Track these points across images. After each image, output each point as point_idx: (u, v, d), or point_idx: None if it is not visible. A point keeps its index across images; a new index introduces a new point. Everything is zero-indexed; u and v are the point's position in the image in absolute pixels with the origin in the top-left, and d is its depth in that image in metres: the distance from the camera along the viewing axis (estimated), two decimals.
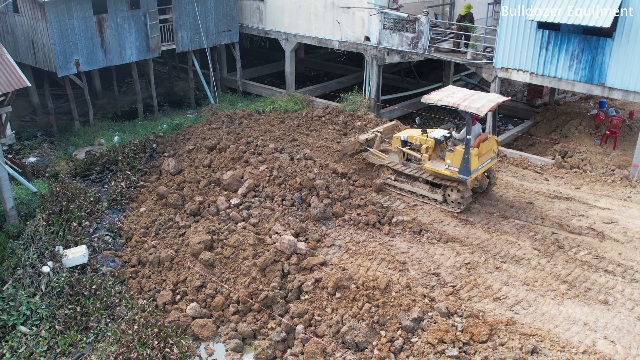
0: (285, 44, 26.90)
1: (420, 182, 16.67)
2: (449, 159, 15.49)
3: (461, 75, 28.86)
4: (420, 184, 16.65)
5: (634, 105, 24.38)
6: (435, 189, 16.38)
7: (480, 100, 15.24)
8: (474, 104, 14.99)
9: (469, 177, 15.23)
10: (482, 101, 15.16)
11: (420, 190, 16.58)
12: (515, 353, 10.63)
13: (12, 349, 11.64)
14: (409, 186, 16.83)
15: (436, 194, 16.25)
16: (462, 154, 15.14)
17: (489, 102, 15.19)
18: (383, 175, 17.49)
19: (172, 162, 18.49)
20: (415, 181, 16.80)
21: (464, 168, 15.23)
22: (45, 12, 20.30)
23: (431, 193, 16.36)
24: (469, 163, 15.08)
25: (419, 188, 16.61)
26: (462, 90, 16.18)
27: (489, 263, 13.75)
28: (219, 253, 14.06)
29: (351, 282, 12.45)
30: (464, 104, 15.01)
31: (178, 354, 11.26)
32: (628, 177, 18.24)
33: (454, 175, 15.48)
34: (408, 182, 16.91)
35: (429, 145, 16.27)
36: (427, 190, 16.46)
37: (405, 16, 22.06)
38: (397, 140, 17.17)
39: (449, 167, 15.54)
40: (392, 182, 17.19)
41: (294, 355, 11.45)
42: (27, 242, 14.33)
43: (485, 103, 15.06)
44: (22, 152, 21.58)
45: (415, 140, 16.74)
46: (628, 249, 14.35)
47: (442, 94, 15.83)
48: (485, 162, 15.85)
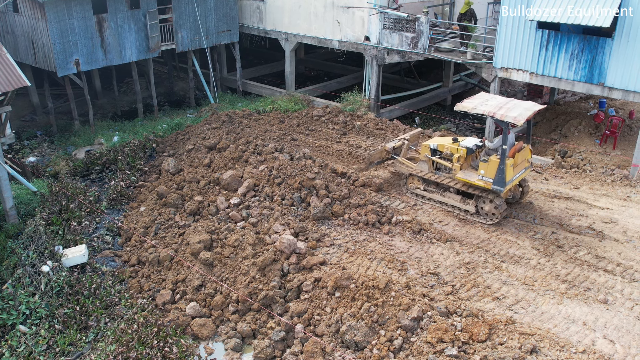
0: (285, 43, 26.91)
1: (451, 192, 15.96)
2: (483, 169, 14.79)
3: (461, 75, 28.87)
4: (451, 194, 15.93)
5: (633, 105, 24.38)
6: (467, 199, 15.67)
7: (517, 108, 14.55)
8: (510, 112, 14.31)
9: (504, 189, 14.51)
10: (518, 109, 14.47)
11: (452, 201, 15.85)
12: (514, 352, 10.63)
13: (11, 348, 11.64)
14: (439, 196, 16.10)
15: (468, 205, 15.53)
16: (497, 164, 14.44)
17: (526, 110, 14.50)
18: (411, 185, 16.82)
19: (171, 161, 18.50)
20: (445, 191, 16.09)
21: (499, 179, 14.52)
22: (45, 12, 20.31)
23: (463, 204, 15.64)
24: (505, 174, 14.39)
25: (450, 199, 15.88)
26: (496, 98, 15.50)
27: (488, 262, 13.75)
28: (219, 252, 14.07)
29: (350, 282, 12.46)
30: (499, 113, 14.33)
31: (177, 353, 11.26)
32: (628, 177, 18.24)
33: (488, 186, 14.81)
34: (438, 192, 16.19)
35: (460, 154, 15.58)
36: (458, 201, 15.73)
37: (405, 16, 22.06)
38: (426, 148, 16.45)
39: (483, 178, 14.84)
40: (421, 192, 16.49)
41: (294, 355, 11.45)
42: (27, 242, 14.34)
43: (522, 112, 14.37)
44: (22, 151, 21.59)
45: (445, 149, 16.07)
46: (627, 248, 14.35)
47: (475, 102, 15.12)
48: (519, 172, 15.18)
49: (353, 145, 20.86)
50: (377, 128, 22.41)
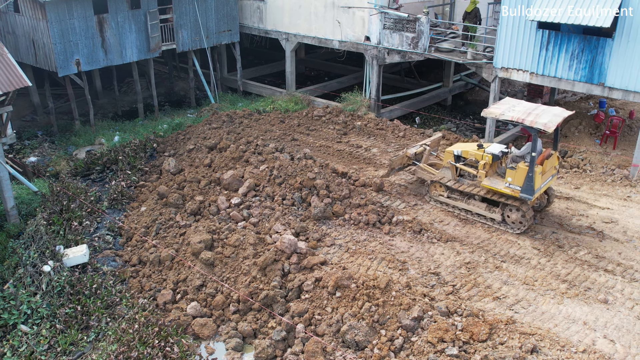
0: (286, 43, 26.92)
1: (476, 199, 15.59)
2: (510, 177, 14.43)
3: (461, 75, 28.89)
4: (475, 202, 15.57)
5: (633, 105, 24.40)
6: (493, 207, 15.33)
7: (546, 114, 14.19)
8: (540, 119, 13.96)
9: (533, 197, 14.17)
10: (548, 116, 14.11)
11: (476, 209, 15.49)
12: (515, 352, 10.65)
13: (12, 347, 11.65)
14: (464, 204, 15.74)
15: (494, 214, 15.18)
16: (525, 172, 14.08)
17: (555, 116, 14.15)
18: (434, 191, 16.43)
19: (172, 161, 18.52)
20: (470, 199, 15.72)
21: (527, 187, 14.13)
22: (46, 12, 20.33)
23: (488, 212, 15.29)
24: (534, 181, 14.03)
25: (475, 206, 15.53)
26: (522, 103, 15.12)
27: (489, 262, 13.77)
28: (220, 252, 14.08)
29: (351, 282, 12.47)
30: (529, 119, 13.99)
31: (178, 353, 11.28)
32: (628, 177, 18.26)
33: (515, 194, 14.44)
34: (462, 200, 15.83)
35: (486, 161, 15.19)
36: (483, 209, 15.39)
37: (405, 16, 22.08)
38: (450, 155, 16.12)
39: (510, 185, 14.49)
40: (445, 199, 16.11)
41: (294, 355, 11.46)
42: (28, 242, 14.35)
43: (552, 118, 14.04)
44: (23, 151, 21.61)
45: (470, 155, 15.73)
46: (628, 248, 14.37)
47: (502, 108, 14.78)
48: (547, 180, 14.88)
49: (353, 145, 20.89)
50: (378, 128, 22.43)
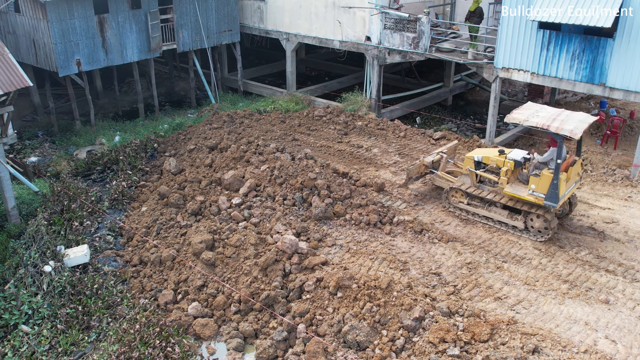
0: (286, 43, 26.91)
1: (497, 207, 15.32)
2: (534, 184, 14.13)
3: (462, 75, 28.88)
4: (497, 209, 15.29)
5: (634, 105, 24.40)
6: (515, 215, 15.06)
7: (571, 120, 13.93)
8: (565, 125, 13.71)
9: (557, 204, 13.91)
10: (573, 122, 13.86)
11: (498, 217, 15.19)
12: (516, 352, 10.64)
13: (14, 348, 11.64)
14: (485, 211, 15.45)
15: (517, 221, 14.90)
16: (550, 179, 13.81)
17: (581, 122, 13.92)
18: (453, 198, 16.13)
19: (173, 161, 18.51)
20: (491, 206, 15.45)
21: (552, 194, 13.85)
22: (47, 12, 20.32)
23: (510, 220, 15.01)
24: (558, 189, 13.77)
25: (497, 214, 15.24)
26: (545, 108, 14.87)
27: (490, 263, 13.77)
28: (221, 252, 14.08)
29: (352, 282, 12.47)
30: (554, 126, 13.73)
31: (180, 353, 11.27)
32: (629, 177, 18.25)
33: (539, 201, 14.16)
34: (483, 207, 15.57)
35: (508, 167, 14.90)
36: (505, 216, 15.10)
37: (406, 16, 22.07)
38: (470, 161, 15.79)
39: (534, 193, 14.21)
40: (465, 206, 15.82)
41: (296, 355, 11.46)
42: (29, 242, 14.34)
43: (578, 124, 13.80)
44: (24, 151, 21.61)
45: (491, 161, 15.39)
46: (629, 248, 14.36)
47: (526, 113, 14.50)
48: (571, 187, 14.66)
49: (354, 146, 20.88)
50: (378, 128, 22.43)
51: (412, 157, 19.90)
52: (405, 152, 20.30)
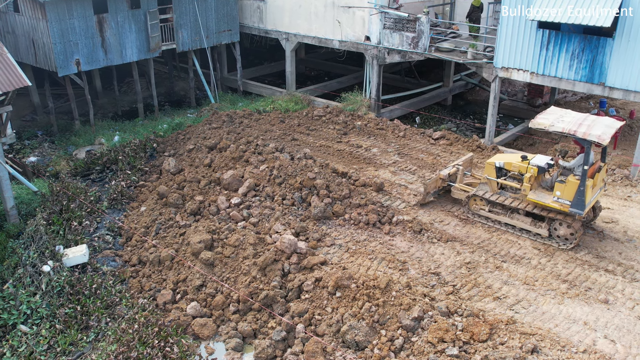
0: (286, 43, 26.91)
1: (520, 214, 14.91)
2: (559, 190, 13.77)
3: (462, 75, 28.87)
4: (520, 216, 14.88)
5: (634, 104, 24.38)
6: (539, 222, 14.68)
7: (599, 126, 13.49)
8: (593, 130, 13.28)
9: (584, 212, 13.56)
10: (600, 127, 13.42)
11: (521, 224, 14.77)
12: (515, 352, 10.63)
13: (12, 348, 11.64)
14: (507, 219, 15.02)
15: (541, 229, 14.51)
16: (576, 186, 13.45)
17: (608, 127, 13.50)
18: (474, 206, 15.66)
19: (172, 161, 18.50)
20: (513, 213, 15.04)
21: (578, 201, 13.47)
22: (46, 12, 20.32)
23: (534, 227, 14.61)
24: (585, 196, 13.41)
25: (520, 221, 14.81)
26: (570, 113, 14.43)
27: (489, 262, 13.75)
28: (219, 252, 14.07)
29: (351, 282, 12.45)
30: (581, 131, 13.32)
31: (178, 353, 11.26)
32: (628, 177, 18.24)
33: (564, 208, 13.80)
34: (505, 214, 15.12)
35: (532, 173, 14.47)
36: (529, 223, 14.70)
37: (405, 16, 22.06)
38: (491, 167, 15.38)
39: (559, 200, 13.84)
40: (486, 213, 15.34)
41: (294, 355, 11.45)
42: (28, 242, 14.34)
43: (605, 129, 13.37)
44: (23, 151, 21.60)
45: (514, 167, 14.98)
46: (628, 248, 14.35)
47: (551, 118, 14.08)
48: (596, 193, 14.29)
49: (354, 145, 20.87)
50: (378, 128, 22.42)
51: (411, 157, 19.89)
52: (405, 152, 20.29)
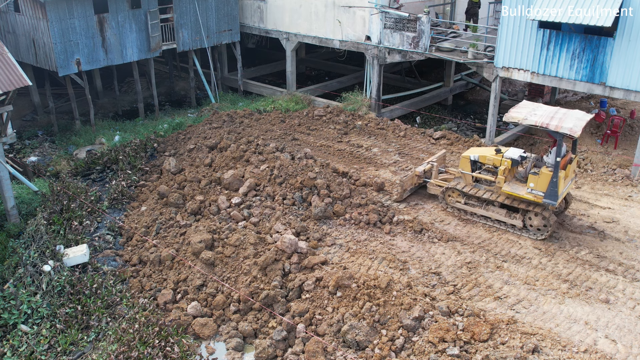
0: (286, 43, 26.90)
1: (495, 206, 15.30)
2: (533, 182, 14.16)
3: (462, 75, 28.85)
4: (495, 208, 15.26)
5: (635, 104, 24.36)
6: (514, 213, 15.03)
7: (570, 118, 13.90)
8: (564, 123, 13.70)
9: (557, 202, 13.98)
10: (572, 120, 13.82)
11: (496, 215, 15.16)
12: (516, 352, 10.62)
13: (13, 347, 11.64)
14: (483, 210, 15.41)
15: (515, 220, 14.88)
16: (549, 177, 13.89)
17: (579, 120, 13.87)
18: (450, 198, 16.07)
19: (172, 161, 18.49)
20: (488, 205, 15.42)
21: (551, 192, 13.89)
22: (46, 12, 20.31)
23: (509, 218, 14.99)
24: (558, 187, 13.82)
25: (495, 213, 15.20)
26: (541, 107, 14.84)
27: (490, 262, 13.75)
28: (220, 252, 14.06)
29: (352, 281, 12.45)
30: (553, 124, 13.74)
31: (179, 352, 11.25)
32: (629, 177, 18.22)
33: (538, 199, 14.20)
34: (481, 206, 15.51)
35: (505, 166, 14.89)
36: (504, 215, 15.07)
37: (406, 15, 22.05)
38: (466, 160, 15.78)
39: (533, 191, 14.24)
40: (462, 206, 15.75)
41: (295, 354, 11.44)
42: (28, 241, 14.34)
43: (577, 122, 13.75)
44: (23, 151, 21.60)
45: (488, 160, 15.40)
46: (629, 248, 14.34)
47: (524, 112, 14.45)
48: (568, 184, 14.73)
49: (354, 145, 20.86)
50: (378, 128, 22.41)
51: (412, 156, 19.89)
52: (405, 152, 20.28)
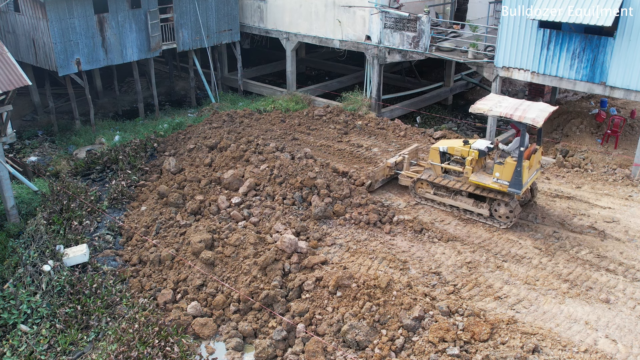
0: (286, 43, 26.89)
1: (462, 195, 15.75)
2: (498, 172, 14.65)
3: (462, 75, 28.84)
4: (463, 197, 15.72)
5: (635, 104, 24.35)
6: (481, 203, 15.46)
7: (533, 109, 14.41)
8: (528, 114, 14.19)
9: (521, 191, 14.45)
10: (534, 111, 14.32)
11: (464, 205, 15.61)
12: (516, 352, 10.60)
13: (12, 347, 11.63)
14: (451, 200, 15.85)
15: (482, 209, 15.33)
16: (514, 167, 14.35)
17: (542, 111, 14.38)
18: (420, 189, 16.52)
19: (172, 161, 18.48)
20: (457, 195, 15.86)
21: (516, 181, 14.38)
22: (46, 11, 20.30)
23: (476, 207, 15.43)
24: (522, 176, 14.31)
25: (463, 202, 15.65)
26: (507, 99, 15.34)
27: (490, 262, 13.73)
28: (220, 252, 14.05)
29: (352, 281, 12.44)
30: (517, 115, 14.23)
31: (179, 352, 11.25)
32: (629, 176, 18.21)
33: (503, 189, 14.66)
34: (449, 196, 15.96)
35: (472, 157, 15.34)
36: (471, 204, 15.52)
37: (406, 15, 22.04)
38: (435, 152, 16.15)
39: (498, 181, 14.71)
40: (432, 196, 16.19)
41: (295, 354, 11.43)
42: (28, 241, 14.33)
43: (539, 113, 14.28)
44: (23, 151, 21.59)
45: (456, 152, 15.84)
46: (629, 248, 14.33)
47: (490, 104, 14.97)
48: (533, 174, 15.16)
49: (354, 145, 20.85)
50: (379, 127, 22.40)
51: None
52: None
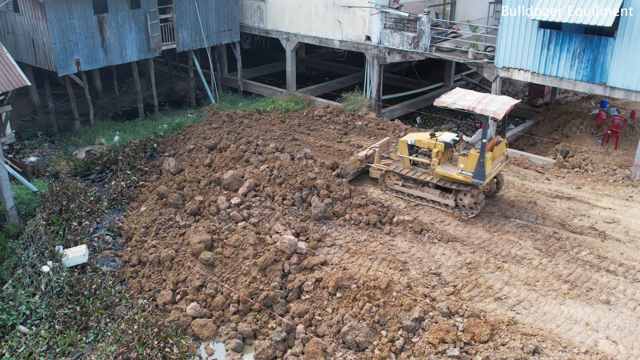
0: (286, 43, 26.87)
1: (429, 187, 16.26)
2: (462, 163, 15.12)
3: (462, 75, 28.82)
4: (430, 189, 16.24)
5: (635, 104, 24.33)
6: (447, 194, 15.99)
7: (495, 103, 14.85)
8: (489, 107, 14.60)
9: (484, 182, 14.86)
10: (496, 104, 14.76)
11: (431, 196, 16.14)
12: (516, 353, 10.58)
13: (11, 348, 11.61)
14: (418, 192, 16.37)
15: (448, 200, 15.86)
16: (477, 158, 14.79)
17: (503, 104, 14.83)
18: (389, 181, 17.04)
19: (172, 161, 18.46)
20: (424, 186, 16.37)
21: (479, 172, 14.83)
22: (46, 12, 20.29)
23: (442, 198, 15.96)
24: (485, 167, 14.71)
25: (429, 193, 16.18)
26: (472, 93, 15.79)
27: (490, 263, 13.71)
28: (220, 253, 14.03)
29: (352, 282, 12.41)
30: (479, 107, 14.64)
31: (178, 353, 11.22)
32: (630, 177, 18.18)
33: (467, 180, 15.12)
34: (417, 188, 16.46)
35: (439, 149, 15.79)
36: (437, 195, 16.05)
37: (406, 15, 22.02)
38: (404, 145, 16.67)
39: (463, 172, 15.18)
40: (400, 187, 16.70)
41: (295, 355, 11.41)
42: (27, 242, 14.31)
43: (501, 106, 14.71)
44: (23, 151, 21.57)
45: (423, 144, 16.35)
46: (630, 248, 14.30)
47: (454, 97, 15.42)
48: (497, 166, 15.56)
49: (354, 145, 20.83)
50: (378, 128, 22.38)
51: None
52: None
